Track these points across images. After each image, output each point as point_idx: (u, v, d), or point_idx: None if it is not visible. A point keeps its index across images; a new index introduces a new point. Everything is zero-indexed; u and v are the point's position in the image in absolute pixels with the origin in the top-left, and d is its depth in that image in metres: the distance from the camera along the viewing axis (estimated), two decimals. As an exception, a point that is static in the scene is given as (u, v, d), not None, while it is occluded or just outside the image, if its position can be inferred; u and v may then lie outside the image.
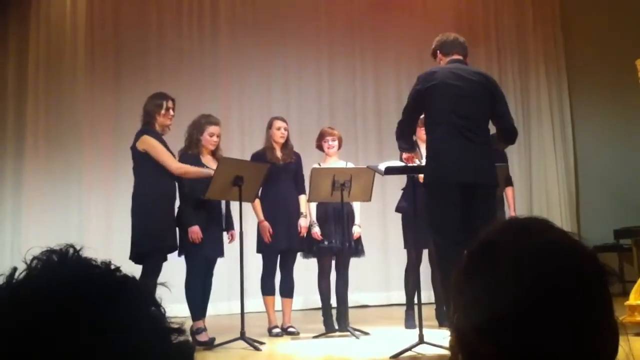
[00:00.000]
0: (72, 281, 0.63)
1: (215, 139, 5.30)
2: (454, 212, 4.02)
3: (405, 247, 5.71)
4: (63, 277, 0.64)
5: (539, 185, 8.44)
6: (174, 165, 4.97)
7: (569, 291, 0.77)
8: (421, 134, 5.65)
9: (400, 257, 6.13)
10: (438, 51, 4.45)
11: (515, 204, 6.37)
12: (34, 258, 0.66)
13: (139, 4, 7.97)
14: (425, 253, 5.67)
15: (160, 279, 4.52)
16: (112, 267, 0.67)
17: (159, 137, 5.02)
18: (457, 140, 4.09)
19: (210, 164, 5.28)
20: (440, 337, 4.26)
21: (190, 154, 5.24)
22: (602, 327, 0.79)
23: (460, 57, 4.39)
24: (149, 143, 4.94)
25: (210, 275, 5.29)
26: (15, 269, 0.65)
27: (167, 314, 0.68)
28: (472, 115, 4.15)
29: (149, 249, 4.81)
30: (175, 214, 5.09)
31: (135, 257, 4.80)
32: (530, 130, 8.49)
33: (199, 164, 5.20)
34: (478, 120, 4.19)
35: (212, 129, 5.29)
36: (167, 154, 4.97)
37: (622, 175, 8.01)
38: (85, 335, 0.60)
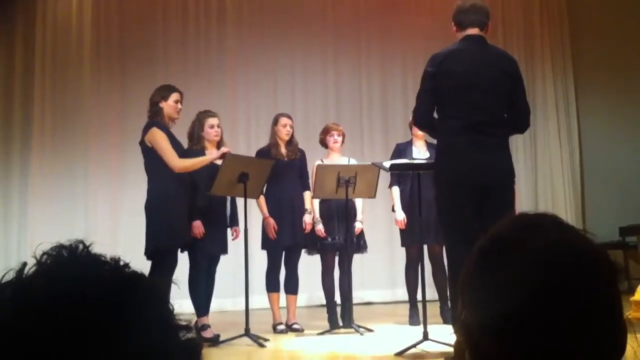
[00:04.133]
0: (81, 278, 0.63)
1: (217, 129, 5.32)
2: (465, 212, 3.68)
3: (402, 245, 5.71)
4: (73, 274, 0.64)
5: (544, 181, 8.42)
6: (177, 164, 4.78)
7: (579, 290, 0.77)
8: (416, 130, 5.62)
9: (404, 255, 6.12)
10: (454, 22, 3.90)
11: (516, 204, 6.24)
12: (44, 253, 0.65)
13: (144, 1, 7.97)
14: (425, 249, 5.65)
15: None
16: (122, 263, 0.67)
17: (166, 130, 4.90)
18: (470, 137, 3.71)
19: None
20: (445, 334, 4.28)
21: (194, 150, 5.24)
22: (611, 326, 0.78)
23: (476, 32, 3.82)
24: (154, 137, 4.80)
25: (213, 272, 5.29)
26: (25, 264, 0.65)
27: (175, 311, 0.68)
28: (488, 107, 3.74)
29: (169, 246, 4.72)
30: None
31: (151, 253, 4.67)
32: (536, 126, 8.46)
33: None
34: (494, 112, 3.77)
35: (211, 120, 5.31)
36: (171, 151, 4.79)
37: (628, 172, 7.98)
38: (94, 333, 0.60)
